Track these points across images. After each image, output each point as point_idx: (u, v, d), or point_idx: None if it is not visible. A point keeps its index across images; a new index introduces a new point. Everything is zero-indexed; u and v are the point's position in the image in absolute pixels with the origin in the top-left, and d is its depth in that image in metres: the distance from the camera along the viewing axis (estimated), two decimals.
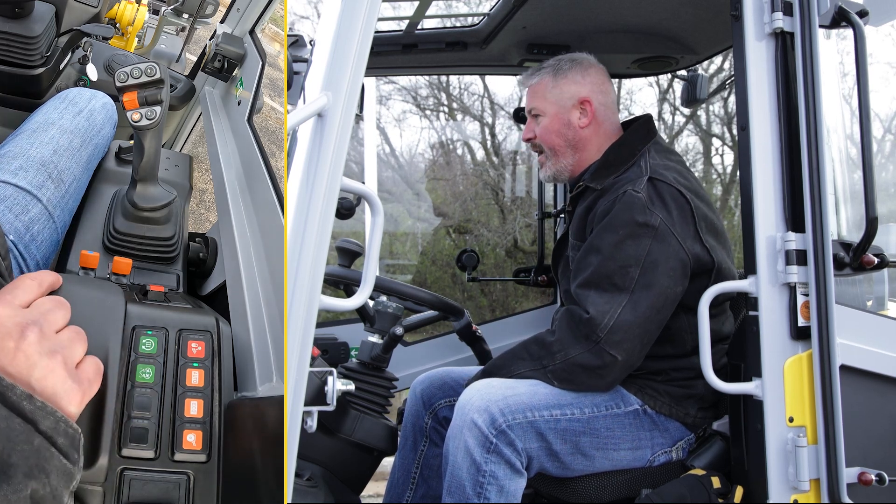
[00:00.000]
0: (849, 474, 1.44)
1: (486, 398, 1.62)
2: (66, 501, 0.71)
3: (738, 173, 2.98)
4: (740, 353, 1.54)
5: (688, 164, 1.88)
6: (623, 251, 1.62)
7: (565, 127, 1.87)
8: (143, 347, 1.12)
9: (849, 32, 1.49)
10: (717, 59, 5.87)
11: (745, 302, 1.54)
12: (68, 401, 0.76)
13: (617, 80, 2.85)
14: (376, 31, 1.18)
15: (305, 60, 1.18)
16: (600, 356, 1.60)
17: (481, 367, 1.83)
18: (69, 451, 0.72)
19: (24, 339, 0.75)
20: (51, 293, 0.91)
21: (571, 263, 1.82)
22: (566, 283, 1.91)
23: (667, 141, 7.38)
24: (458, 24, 2.35)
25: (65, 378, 0.77)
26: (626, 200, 1.64)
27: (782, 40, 1.51)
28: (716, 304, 1.68)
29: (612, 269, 1.62)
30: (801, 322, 1.47)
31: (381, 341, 1.92)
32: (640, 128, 1.86)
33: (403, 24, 2.27)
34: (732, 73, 1.58)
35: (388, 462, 2.01)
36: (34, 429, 0.69)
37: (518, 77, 2.03)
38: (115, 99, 1.92)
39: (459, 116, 7.65)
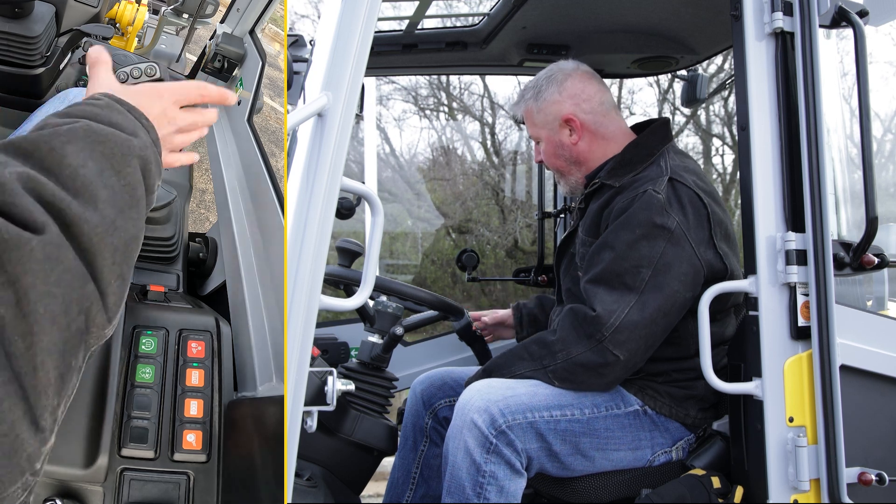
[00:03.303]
0: (849, 474, 1.44)
1: (485, 398, 1.62)
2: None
3: (738, 173, 2.98)
4: (740, 353, 1.54)
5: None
6: (637, 251, 1.61)
7: (560, 148, 1.87)
8: (143, 347, 1.12)
9: (849, 32, 1.49)
10: (718, 59, 5.87)
11: (745, 302, 1.54)
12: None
13: (617, 80, 2.85)
14: (376, 31, 1.18)
15: (305, 60, 1.18)
16: (602, 355, 1.60)
17: (481, 366, 1.83)
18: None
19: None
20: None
21: (578, 260, 1.82)
22: (568, 282, 1.91)
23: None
24: (458, 24, 2.35)
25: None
26: (646, 200, 1.64)
27: (782, 40, 1.51)
28: (720, 308, 1.68)
29: (624, 267, 1.62)
30: (801, 322, 1.47)
31: (381, 341, 1.92)
32: (659, 129, 1.84)
33: (403, 24, 2.27)
34: (732, 73, 1.58)
35: (388, 462, 2.01)
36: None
37: (510, 105, 2.03)
38: None
39: (459, 116, 7.65)
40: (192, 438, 1.06)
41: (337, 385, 1.12)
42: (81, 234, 0.72)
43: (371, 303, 2.00)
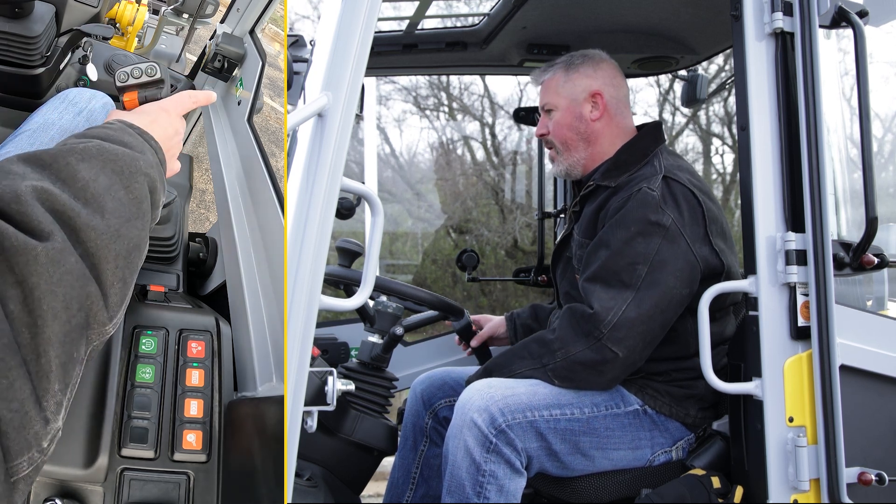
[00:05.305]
0: (849, 474, 1.44)
1: (485, 398, 1.62)
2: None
3: (738, 173, 2.98)
4: (740, 353, 1.54)
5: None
6: (633, 248, 1.62)
7: (577, 120, 1.87)
8: (143, 347, 1.12)
9: (849, 32, 1.49)
10: (718, 59, 5.86)
11: (745, 302, 1.54)
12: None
13: None
14: (376, 31, 1.18)
15: (305, 60, 1.18)
16: (601, 352, 1.60)
17: (481, 366, 1.83)
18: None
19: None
20: None
21: (575, 262, 1.82)
22: (566, 285, 1.91)
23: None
24: (458, 24, 2.35)
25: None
26: (641, 198, 1.65)
27: (782, 40, 1.51)
28: (718, 307, 1.68)
29: (621, 265, 1.62)
30: (801, 322, 1.47)
31: (381, 341, 1.92)
32: (651, 131, 1.87)
33: (403, 24, 2.27)
34: (732, 73, 1.58)
35: (388, 462, 2.01)
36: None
37: (529, 75, 2.03)
38: (115, 99, 1.92)
39: (459, 116, 7.65)
40: (192, 438, 1.06)
41: (337, 385, 1.12)
42: (88, 240, 0.82)
43: (371, 303, 2.00)
